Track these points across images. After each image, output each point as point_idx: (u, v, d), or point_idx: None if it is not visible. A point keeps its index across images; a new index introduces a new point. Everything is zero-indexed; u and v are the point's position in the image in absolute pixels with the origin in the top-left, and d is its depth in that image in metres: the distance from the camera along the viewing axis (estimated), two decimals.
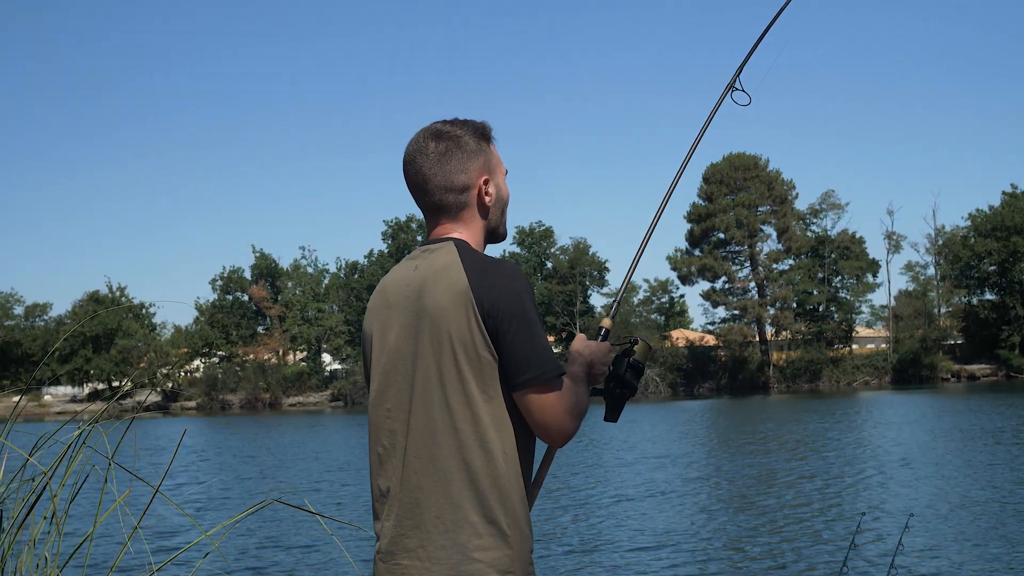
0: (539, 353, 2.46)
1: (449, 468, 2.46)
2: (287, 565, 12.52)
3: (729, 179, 79.06)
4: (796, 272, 79.55)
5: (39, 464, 3.63)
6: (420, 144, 2.67)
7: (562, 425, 2.49)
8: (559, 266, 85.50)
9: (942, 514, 14.46)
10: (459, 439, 2.46)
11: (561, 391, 2.49)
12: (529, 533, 2.51)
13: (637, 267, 3.10)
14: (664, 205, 3.15)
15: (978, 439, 25.68)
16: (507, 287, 2.47)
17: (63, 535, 3.57)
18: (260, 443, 35.72)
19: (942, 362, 76.82)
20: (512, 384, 2.46)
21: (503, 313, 2.44)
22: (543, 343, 2.48)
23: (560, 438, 2.51)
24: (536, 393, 2.46)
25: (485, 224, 2.71)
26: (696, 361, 78.79)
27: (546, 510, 16.42)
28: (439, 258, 2.56)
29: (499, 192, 2.72)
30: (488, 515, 2.44)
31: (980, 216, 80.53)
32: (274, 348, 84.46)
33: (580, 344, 2.71)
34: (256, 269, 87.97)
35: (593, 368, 2.68)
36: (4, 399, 78.02)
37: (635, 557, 12.36)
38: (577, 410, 2.52)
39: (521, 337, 2.45)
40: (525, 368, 2.44)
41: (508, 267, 2.51)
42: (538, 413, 2.47)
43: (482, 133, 2.71)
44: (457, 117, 2.72)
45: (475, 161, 2.66)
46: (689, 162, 3.25)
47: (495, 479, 2.45)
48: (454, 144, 2.65)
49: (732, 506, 16.36)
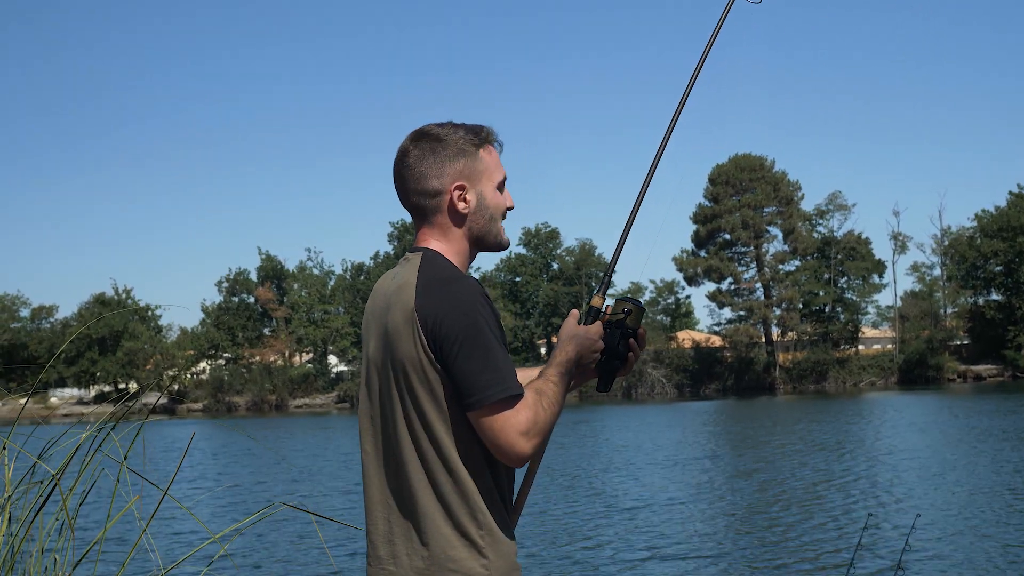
0: (485, 375, 2.39)
1: (416, 483, 2.49)
2: (295, 568, 12.53)
3: (735, 180, 78.97)
4: (802, 273, 79.43)
5: (48, 467, 3.64)
6: (404, 144, 2.67)
7: (512, 447, 2.42)
8: (565, 267, 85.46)
9: (949, 514, 14.44)
10: (422, 455, 2.48)
11: (513, 411, 2.41)
12: (508, 541, 2.50)
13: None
14: (665, 142, 2.92)
15: (984, 439, 25.64)
16: (453, 308, 2.42)
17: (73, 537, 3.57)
18: (268, 445, 35.75)
19: (948, 363, 76.62)
20: (462, 406, 2.43)
21: (446, 335, 2.41)
22: (493, 364, 2.41)
23: (514, 460, 2.45)
24: (483, 416, 2.41)
25: (465, 232, 2.64)
26: (702, 362, 78.69)
27: (547, 511, 16.42)
28: (405, 273, 2.57)
29: (481, 201, 2.62)
30: (459, 527, 2.45)
31: (986, 216, 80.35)
32: (280, 350, 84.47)
33: (567, 334, 2.65)
34: (262, 271, 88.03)
35: (582, 360, 2.63)
36: (11, 401, 78.25)
37: (639, 555, 12.35)
38: (535, 430, 2.43)
39: (465, 359, 2.40)
40: (470, 391, 2.40)
41: (458, 287, 2.46)
42: (488, 435, 2.42)
43: (474, 137, 2.63)
44: (458, 121, 2.66)
45: (451, 166, 2.61)
46: (692, 89, 2.97)
47: (462, 494, 2.45)
48: (432, 147, 2.61)
49: (739, 505, 16.34)
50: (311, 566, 12.60)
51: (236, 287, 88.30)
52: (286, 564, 12.76)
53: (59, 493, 3.55)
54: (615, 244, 2.85)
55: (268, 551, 13.62)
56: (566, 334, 2.63)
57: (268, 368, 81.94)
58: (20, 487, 3.68)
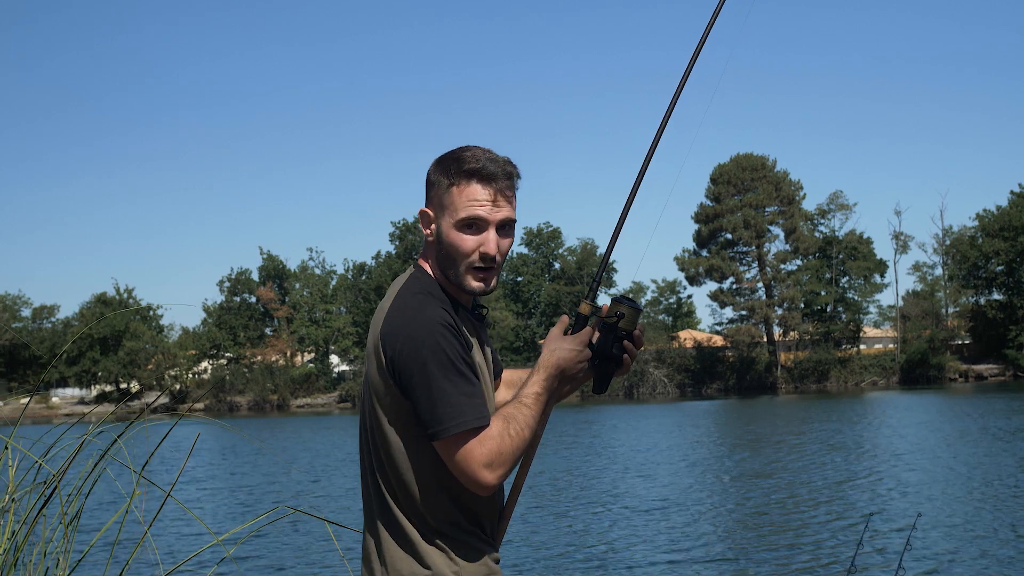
0: (440, 408, 2.39)
1: (383, 497, 2.54)
2: (297, 570, 12.53)
3: (736, 180, 78.97)
4: (804, 273, 79.42)
5: (48, 467, 3.64)
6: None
7: (475, 478, 2.41)
8: (567, 267, 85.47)
9: (950, 514, 14.44)
10: (383, 473, 2.53)
11: (475, 442, 2.40)
12: (482, 548, 2.53)
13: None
14: (658, 137, 2.80)
15: (986, 439, 25.63)
16: (410, 339, 2.42)
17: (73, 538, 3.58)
18: (270, 445, 35.74)
19: (950, 362, 76.62)
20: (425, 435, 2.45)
21: (401, 367, 2.43)
22: (449, 396, 2.39)
23: (479, 489, 2.44)
24: (445, 447, 2.42)
25: (437, 260, 2.59)
26: (704, 362, 78.68)
27: (550, 514, 16.42)
28: (390, 291, 2.59)
29: (439, 235, 2.56)
30: (427, 538, 2.49)
31: (988, 216, 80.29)
32: (282, 350, 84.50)
33: (547, 348, 2.58)
34: (264, 271, 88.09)
35: (566, 372, 2.57)
36: (12, 401, 78.23)
37: (639, 555, 12.36)
38: (499, 461, 2.40)
39: (420, 392, 2.41)
40: (428, 423, 2.41)
41: (419, 317, 2.45)
42: (451, 465, 2.44)
43: (450, 168, 2.55)
44: (470, 146, 2.58)
45: (428, 190, 2.61)
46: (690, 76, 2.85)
47: (419, 515, 2.49)
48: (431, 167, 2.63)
49: (741, 505, 16.34)
50: (313, 567, 12.60)
51: (238, 287, 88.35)
52: (291, 566, 12.76)
53: (60, 494, 3.55)
54: (620, 244, 2.80)
55: (272, 553, 13.61)
56: (547, 349, 2.58)
57: (270, 368, 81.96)
58: (22, 487, 3.68)
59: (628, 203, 2.75)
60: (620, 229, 2.77)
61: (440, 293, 2.54)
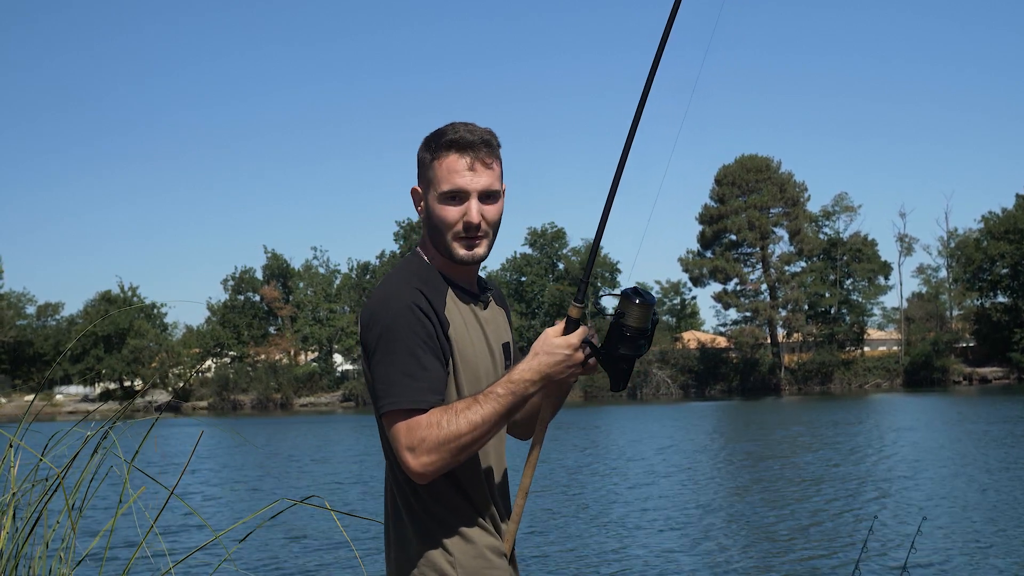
0: (382, 385, 2.43)
1: (387, 480, 2.61)
2: (303, 564, 12.53)
3: (741, 181, 78.95)
4: (808, 274, 79.37)
5: (52, 464, 3.64)
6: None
7: (401, 461, 2.40)
8: (571, 267, 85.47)
9: (954, 517, 14.41)
10: (389, 458, 2.57)
11: (403, 424, 2.38)
12: (480, 538, 2.53)
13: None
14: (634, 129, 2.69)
15: (990, 442, 25.59)
16: (374, 315, 2.49)
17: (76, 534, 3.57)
18: (273, 444, 35.79)
19: (954, 365, 76.53)
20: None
21: (364, 346, 2.50)
22: (392, 375, 2.40)
23: (409, 473, 2.40)
24: (384, 424, 2.45)
25: (429, 238, 2.64)
26: (707, 363, 78.65)
27: (551, 515, 16.42)
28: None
29: (427, 210, 2.60)
30: (425, 523, 2.51)
31: (993, 218, 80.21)
32: (285, 348, 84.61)
33: (533, 351, 2.49)
34: (268, 269, 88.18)
35: (552, 376, 2.45)
36: (16, 398, 78.36)
37: (639, 555, 12.34)
38: (423, 448, 2.35)
39: (373, 369, 2.46)
40: (374, 398, 2.47)
41: (388, 296, 2.50)
42: (387, 443, 2.50)
43: (429, 143, 2.59)
44: (464, 120, 2.60)
45: (418, 170, 2.64)
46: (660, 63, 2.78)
47: (428, 493, 2.50)
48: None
49: (744, 507, 16.32)
50: (318, 560, 12.60)
51: (242, 286, 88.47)
52: (294, 560, 12.76)
53: (63, 491, 3.55)
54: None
55: (275, 550, 13.61)
56: (531, 352, 2.48)
57: (273, 367, 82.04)
58: (25, 484, 3.68)
59: (607, 205, 2.64)
60: (602, 232, 2.64)
61: (429, 275, 2.56)
